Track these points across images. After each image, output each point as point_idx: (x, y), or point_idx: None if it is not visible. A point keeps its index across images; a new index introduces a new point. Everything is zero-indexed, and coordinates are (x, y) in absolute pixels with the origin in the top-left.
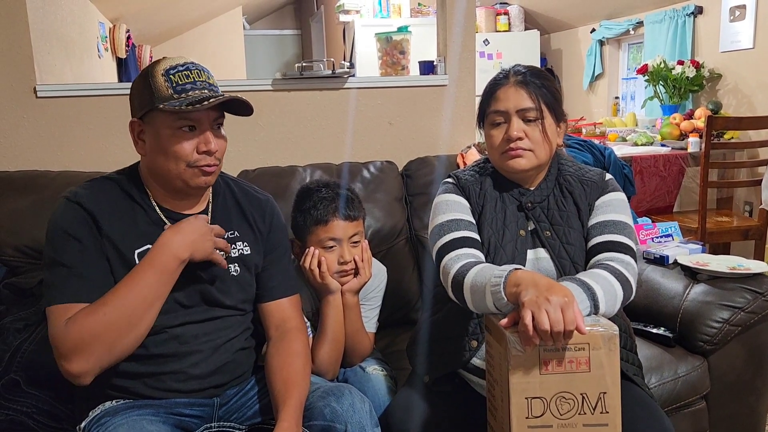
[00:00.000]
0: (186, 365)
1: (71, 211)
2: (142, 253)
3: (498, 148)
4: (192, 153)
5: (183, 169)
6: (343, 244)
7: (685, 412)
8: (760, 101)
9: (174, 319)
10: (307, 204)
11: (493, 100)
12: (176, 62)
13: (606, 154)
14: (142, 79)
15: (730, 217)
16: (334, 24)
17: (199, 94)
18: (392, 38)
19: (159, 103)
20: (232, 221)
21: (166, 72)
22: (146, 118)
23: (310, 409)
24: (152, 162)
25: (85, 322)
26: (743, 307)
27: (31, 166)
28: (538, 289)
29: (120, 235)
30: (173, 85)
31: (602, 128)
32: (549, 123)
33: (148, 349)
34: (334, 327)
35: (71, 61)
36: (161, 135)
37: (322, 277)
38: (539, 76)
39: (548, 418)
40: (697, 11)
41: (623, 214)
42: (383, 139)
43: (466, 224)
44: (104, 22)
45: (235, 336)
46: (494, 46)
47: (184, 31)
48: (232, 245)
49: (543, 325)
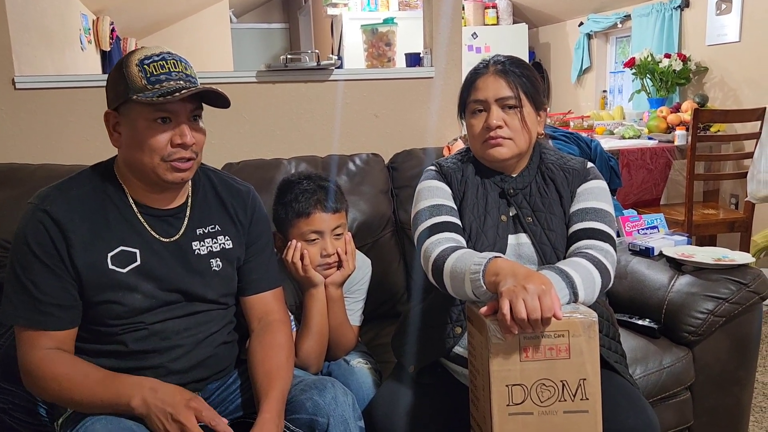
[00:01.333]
0: (166, 360)
1: (36, 223)
2: (115, 255)
3: (478, 137)
4: (166, 146)
5: (157, 163)
6: (325, 237)
7: (670, 402)
8: (746, 94)
9: (154, 316)
10: (288, 196)
11: (473, 90)
12: (151, 52)
13: (592, 146)
14: (117, 70)
15: (716, 210)
16: (322, 17)
17: (174, 85)
18: (378, 30)
19: (133, 94)
20: (213, 215)
21: (141, 62)
22: (121, 109)
23: (292, 402)
24: (128, 155)
25: (45, 379)
26: (728, 298)
27: (9, 159)
28: (516, 278)
29: (90, 241)
30: (147, 75)
31: (590, 121)
32: (528, 111)
33: (128, 346)
34: (317, 320)
35: (52, 53)
36: (136, 127)
37: (305, 270)
38: (519, 65)
39: (529, 406)
40: (683, 5)
41: (604, 202)
42: (369, 132)
43: (447, 209)
44: (87, 14)
45: (217, 330)
46: (482, 40)
47: (170, 24)
48: (213, 239)
49: (520, 313)
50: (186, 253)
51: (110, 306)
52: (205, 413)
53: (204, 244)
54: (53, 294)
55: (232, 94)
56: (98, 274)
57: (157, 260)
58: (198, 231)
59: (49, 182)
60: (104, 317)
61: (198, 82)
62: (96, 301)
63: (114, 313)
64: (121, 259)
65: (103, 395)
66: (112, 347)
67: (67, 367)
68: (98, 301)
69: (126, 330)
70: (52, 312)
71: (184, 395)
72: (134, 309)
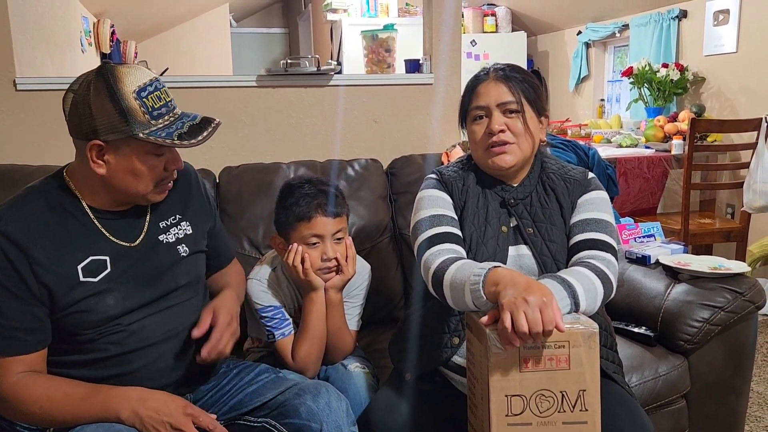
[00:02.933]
0: (150, 359)
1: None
2: (86, 266)
3: (480, 143)
4: (161, 172)
5: (150, 189)
6: (326, 241)
7: (665, 411)
8: (743, 104)
9: (129, 317)
10: (289, 200)
11: (474, 96)
12: (143, 80)
13: (590, 154)
14: (108, 100)
15: (712, 219)
16: (322, 23)
17: (173, 118)
18: (378, 36)
19: (139, 131)
20: (171, 206)
21: (138, 95)
22: (114, 142)
23: (286, 406)
24: (114, 182)
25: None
26: (723, 307)
27: (9, 159)
28: (516, 288)
29: (57, 256)
30: (149, 109)
31: (587, 130)
32: (530, 116)
33: (108, 350)
34: (316, 324)
35: (52, 55)
36: (133, 159)
37: (306, 273)
38: (519, 71)
39: (528, 416)
40: (681, 15)
41: (605, 213)
42: (368, 137)
43: (448, 220)
44: (88, 17)
45: (195, 322)
46: (481, 47)
47: (170, 27)
48: (177, 227)
49: (521, 327)
50: (154, 249)
51: (84, 315)
52: (202, 418)
53: (170, 233)
54: (17, 318)
55: (231, 99)
56: (70, 287)
57: (126, 264)
58: (161, 224)
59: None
60: (79, 327)
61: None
62: (69, 312)
63: (88, 321)
64: (92, 268)
65: (90, 411)
66: (93, 355)
67: (44, 387)
68: (71, 312)
69: (103, 334)
70: (17, 336)
71: (177, 402)
72: (108, 315)
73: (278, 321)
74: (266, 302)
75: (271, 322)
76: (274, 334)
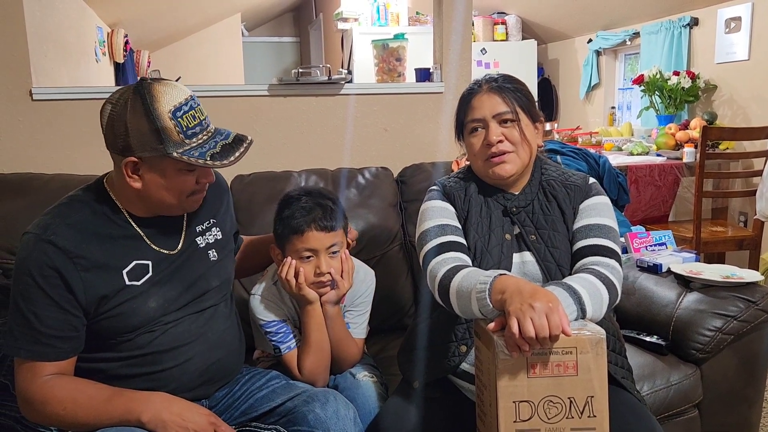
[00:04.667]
0: (182, 360)
1: (41, 254)
2: (130, 271)
3: (479, 154)
4: (193, 185)
5: (182, 201)
6: (320, 255)
7: (677, 420)
8: (755, 112)
9: (167, 317)
10: (286, 212)
11: (469, 110)
12: (178, 99)
13: (600, 162)
14: (144, 119)
15: (724, 227)
16: (333, 31)
17: (206, 136)
18: (389, 45)
19: (173, 150)
20: (205, 211)
21: (174, 114)
22: (149, 159)
23: (294, 413)
24: (149, 194)
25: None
26: (736, 316)
27: (25, 168)
28: (522, 296)
29: (104, 262)
30: (183, 129)
31: (598, 138)
32: (526, 123)
33: (143, 349)
34: (316, 336)
35: (68, 65)
36: (167, 175)
37: (299, 288)
38: (511, 80)
39: (536, 422)
40: (692, 23)
41: (607, 218)
42: (378, 146)
43: (452, 229)
44: (102, 27)
45: (224, 329)
46: (491, 55)
47: (183, 37)
48: (209, 232)
49: (528, 333)
50: (192, 253)
51: (125, 317)
52: (223, 428)
53: (204, 237)
54: (55, 326)
55: (243, 108)
56: (116, 290)
57: (167, 268)
58: (198, 228)
59: (63, 192)
60: (119, 329)
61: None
62: (112, 315)
63: (130, 324)
64: (137, 272)
65: (113, 413)
66: (128, 353)
67: (70, 390)
68: (114, 315)
69: (139, 334)
70: (53, 344)
71: (201, 410)
72: (149, 317)
73: (283, 335)
74: (269, 318)
75: (275, 336)
76: (280, 348)
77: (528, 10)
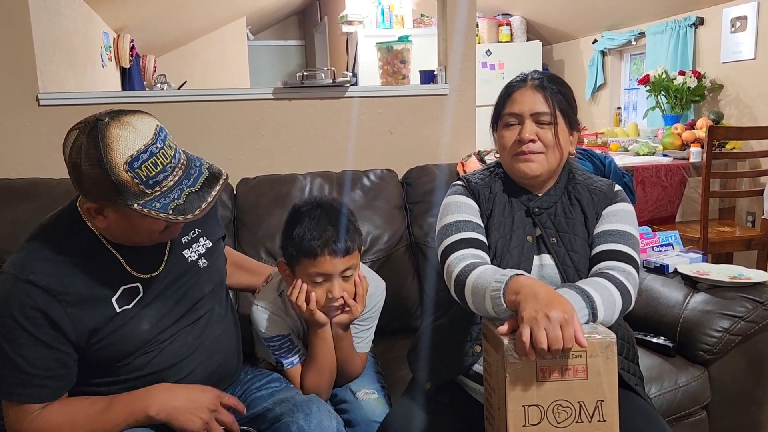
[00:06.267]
0: (184, 374)
1: (21, 296)
2: (119, 298)
3: (509, 149)
4: (164, 224)
5: (156, 237)
6: (333, 280)
7: (686, 422)
8: (762, 111)
9: (162, 335)
10: (297, 229)
11: (508, 102)
12: (136, 147)
13: (606, 162)
14: (98, 170)
15: (732, 227)
16: (338, 34)
17: (173, 181)
18: (393, 48)
19: (133, 202)
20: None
21: (131, 166)
22: (110, 205)
23: (278, 422)
24: (115, 230)
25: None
26: (743, 317)
27: (32, 173)
28: (537, 302)
29: (89, 293)
30: (143, 180)
31: (604, 138)
32: (562, 128)
33: (143, 369)
34: (324, 357)
35: (74, 70)
36: (133, 220)
37: (310, 313)
38: (556, 82)
39: (545, 427)
40: (698, 22)
41: (629, 225)
42: (383, 148)
43: (473, 226)
44: (108, 32)
45: (221, 333)
46: (496, 57)
47: (188, 41)
48: (197, 243)
49: (541, 344)
50: (179, 267)
51: (120, 344)
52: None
53: (192, 249)
54: (46, 366)
55: (249, 111)
56: (107, 320)
57: (157, 286)
58: (183, 240)
59: (69, 197)
60: (115, 356)
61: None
62: (106, 344)
63: (125, 350)
64: (126, 297)
65: (116, 420)
66: (127, 375)
67: (63, 414)
68: (108, 343)
69: (137, 356)
70: (45, 384)
71: (205, 389)
72: (144, 340)
73: (286, 350)
74: (272, 332)
75: (279, 351)
76: (283, 363)
77: (533, 11)
